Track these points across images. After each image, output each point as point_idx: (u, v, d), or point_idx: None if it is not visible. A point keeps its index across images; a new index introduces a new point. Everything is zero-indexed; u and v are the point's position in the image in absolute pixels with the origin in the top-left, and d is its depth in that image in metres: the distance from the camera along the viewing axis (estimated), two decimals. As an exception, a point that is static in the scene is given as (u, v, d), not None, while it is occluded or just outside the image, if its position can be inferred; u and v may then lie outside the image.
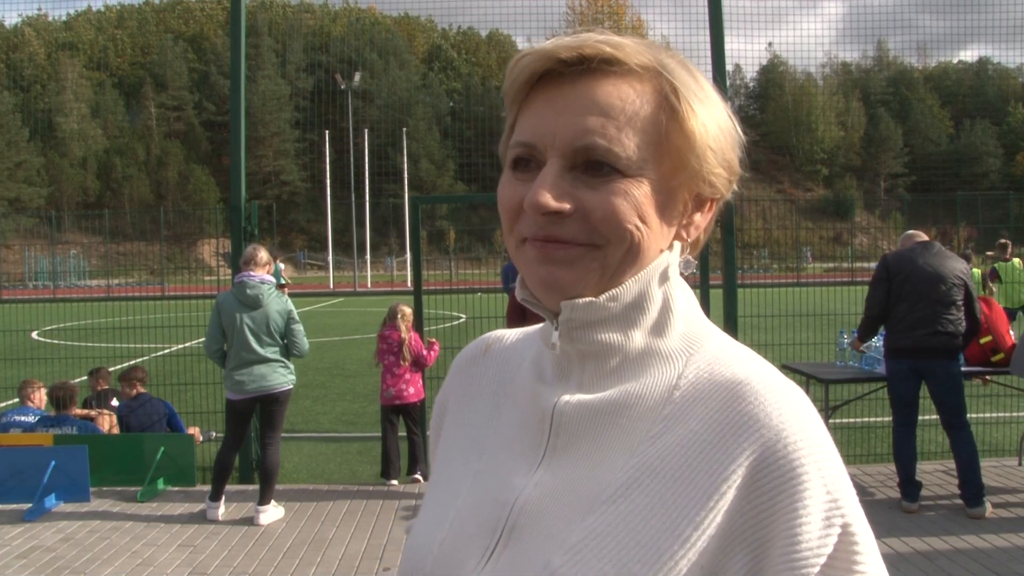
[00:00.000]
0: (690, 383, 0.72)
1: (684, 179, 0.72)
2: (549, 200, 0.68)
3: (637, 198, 0.69)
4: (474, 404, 0.86)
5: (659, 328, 0.74)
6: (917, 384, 5.07)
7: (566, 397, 0.75)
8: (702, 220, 0.77)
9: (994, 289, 12.49)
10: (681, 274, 0.78)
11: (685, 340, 0.75)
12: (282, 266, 31.59)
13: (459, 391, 0.90)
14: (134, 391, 6.62)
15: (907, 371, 5.05)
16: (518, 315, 5.57)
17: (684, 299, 0.77)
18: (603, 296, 0.72)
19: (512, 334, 0.90)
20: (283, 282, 28.70)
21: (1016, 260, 12.77)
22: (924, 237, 5.31)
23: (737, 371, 0.71)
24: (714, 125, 0.72)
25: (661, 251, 0.74)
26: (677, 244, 0.76)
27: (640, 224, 0.70)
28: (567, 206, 0.69)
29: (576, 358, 0.75)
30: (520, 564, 0.70)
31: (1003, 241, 12.98)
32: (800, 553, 0.65)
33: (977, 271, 12.21)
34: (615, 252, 0.70)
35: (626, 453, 0.71)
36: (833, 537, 0.66)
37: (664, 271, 0.74)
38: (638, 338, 0.74)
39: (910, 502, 5.08)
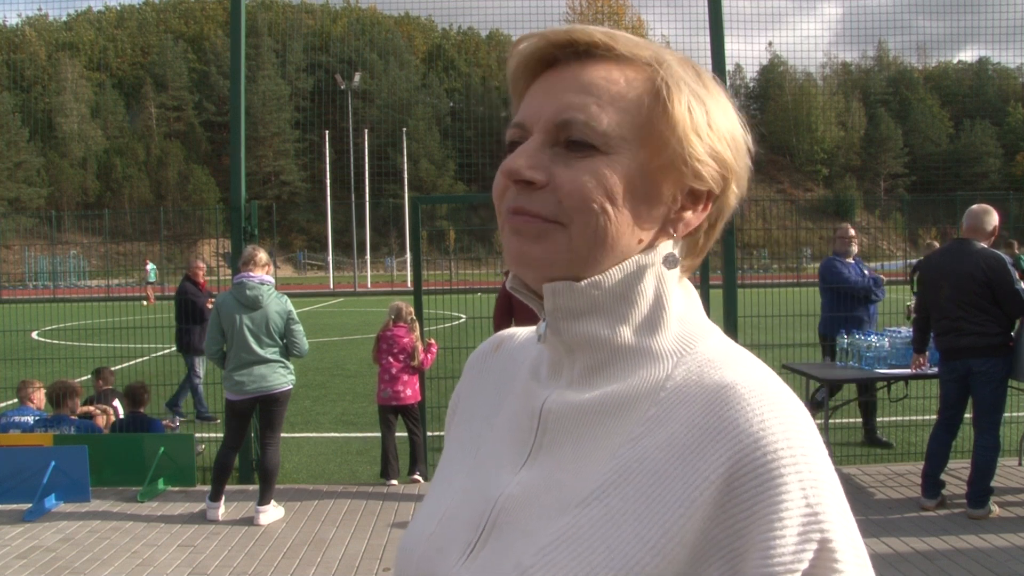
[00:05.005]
0: (677, 385, 0.70)
1: (665, 163, 0.70)
2: (522, 167, 0.70)
3: (609, 178, 0.69)
4: (480, 401, 0.87)
5: (650, 326, 0.73)
6: (958, 387, 5.00)
7: (554, 396, 0.74)
8: (694, 218, 0.74)
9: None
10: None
11: (679, 340, 0.73)
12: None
13: (469, 388, 0.90)
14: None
15: (947, 372, 5.04)
16: (506, 313, 5.57)
17: (681, 298, 0.75)
18: (584, 282, 0.71)
19: (523, 332, 0.90)
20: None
21: None
22: (964, 235, 5.06)
23: (726, 374, 0.69)
24: (703, 116, 0.71)
25: (640, 241, 0.72)
26: (669, 242, 0.74)
27: (608, 205, 0.69)
28: (540, 177, 0.69)
29: (566, 354, 0.75)
30: (497, 561, 0.70)
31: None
32: (773, 567, 0.62)
33: None
34: (580, 232, 0.69)
35: (607, 454, 0.69)
36: (809, 552, 0.63)
37: (651, 264, 0.73)
38: (626, 334, 0.72)
39: (928, 499, 5.08)
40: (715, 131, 0.72)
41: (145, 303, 21.00)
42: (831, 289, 6.74)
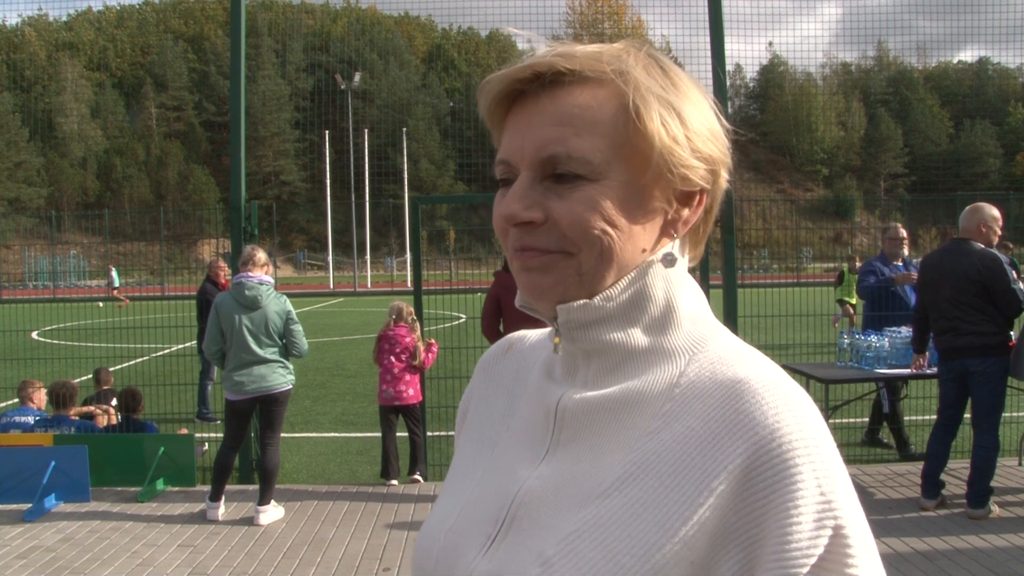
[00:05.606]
0: (691, 381, 0.73)
1: (652, 175, 0.72)
2: (518, 210, 0.72)
3: (603, 203, 0.71)
4: (492, 401, 0.89)
5: (662, 326, 0.75)
6: (957, 386, 5.00)
7: (570, 394, 0.77)
8: (691, 215, 0.77)
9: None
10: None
11: (690, 339, 0.76)
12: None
13: (480, 389, 0.92)
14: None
15: (945, 371, 5.04)
16: (495, 314, 5.56)
17: (690, 298, 0.78)
18: (597, 298, 0.74)
19: (534, 334, 0.92)
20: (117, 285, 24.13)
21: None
22: (960, 235, 5.07)
23: (738, 370, 0.72)
24: (677, 124, 0.72)
25: (644, 251, 0.75)
26: (671, 244, 0.77)
27: (608, 228, 0.71)
28: (537, 216, 0.72)
29: (581, 356, 0.77)
30: (517, 553, 0.72)
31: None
32: (790, 553, 0.65)
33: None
34: (588, 257, 0.72)
35: (624, 448, 0.72)
36: (824, 538, 0.66)
37: (658, 268, 0.75)
38: (639, 336, 0.75)
39: (928, 499, 5.08)
40: (693, 132, 0.73)
41: (119, 305, 20.74)
42: (864, 292, 6.67)
